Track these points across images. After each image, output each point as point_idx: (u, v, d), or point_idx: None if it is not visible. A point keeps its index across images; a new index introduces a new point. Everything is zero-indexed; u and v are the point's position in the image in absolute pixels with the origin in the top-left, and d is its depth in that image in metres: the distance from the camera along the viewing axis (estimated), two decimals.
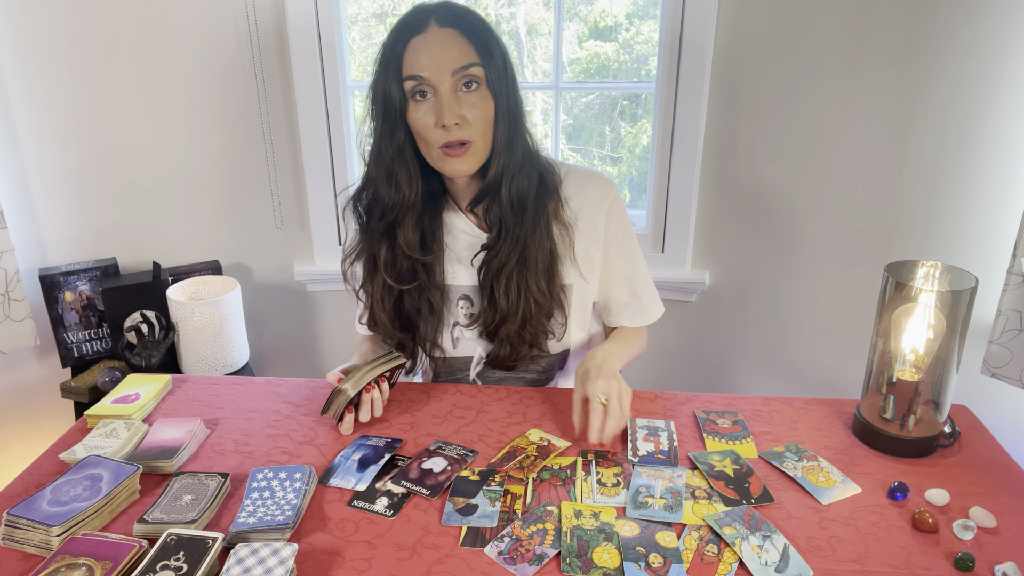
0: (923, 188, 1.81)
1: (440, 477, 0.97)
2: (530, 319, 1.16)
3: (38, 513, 0.86)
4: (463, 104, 1.04)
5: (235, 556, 0.79)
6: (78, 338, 1.99)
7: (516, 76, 1.11)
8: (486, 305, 1.18)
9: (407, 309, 1.20)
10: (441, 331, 1.23)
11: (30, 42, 1.85)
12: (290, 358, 2.26)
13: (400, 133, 1.08)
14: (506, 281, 1.14)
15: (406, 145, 1.10)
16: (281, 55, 1.91)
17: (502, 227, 1.13)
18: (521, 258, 1.13)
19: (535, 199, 1.13)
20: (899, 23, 1.70)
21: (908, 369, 1.02)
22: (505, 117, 1.07)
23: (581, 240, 1.19)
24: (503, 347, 1.19)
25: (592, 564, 0.82)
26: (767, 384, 2.10)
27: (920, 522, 0.88)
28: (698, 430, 1.09)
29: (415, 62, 1.03)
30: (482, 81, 1.05)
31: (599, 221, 1.20)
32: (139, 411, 1.13)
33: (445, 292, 1.21)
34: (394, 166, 1.10)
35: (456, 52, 1.03)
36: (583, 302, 1.24)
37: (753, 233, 1.95)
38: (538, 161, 1.16)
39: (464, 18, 1.05)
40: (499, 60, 1.06)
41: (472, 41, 1.04)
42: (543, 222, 1.15)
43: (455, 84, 1.04)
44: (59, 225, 2.02)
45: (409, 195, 1.12)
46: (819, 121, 1.81)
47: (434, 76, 1.02)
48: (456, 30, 1.04)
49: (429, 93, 1.04)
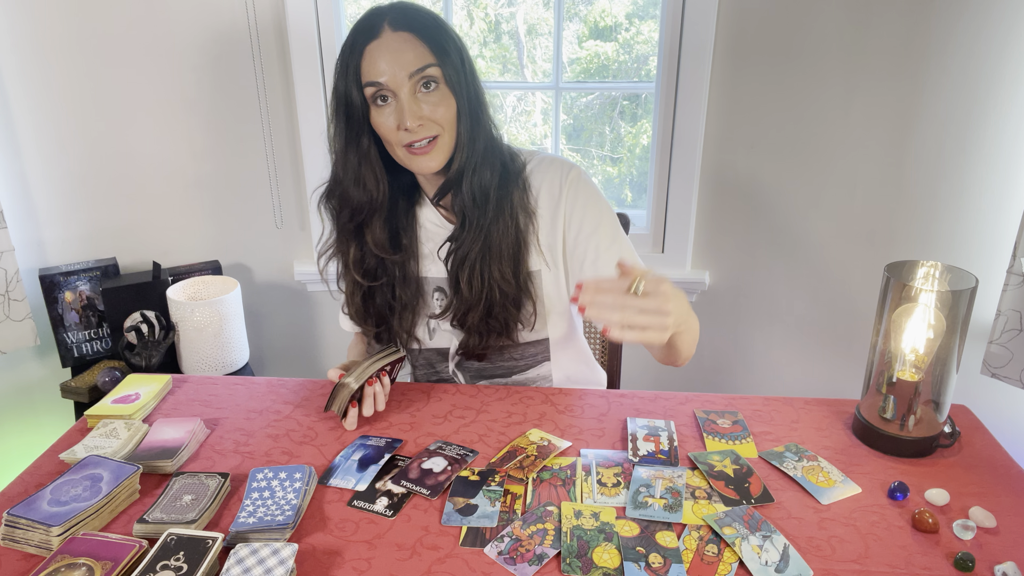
0: (923, 188, 1.81)
1: (440, 477, 0.97)
2: (495, 307, 1.17)
3: (38, 513, 0.86)
4: (423, 105, 1.06)
5: (235, 556, 0.79)
6: (78, 338, 1.99)
7: (475, 69, 1.12)
8: (453, 295, 1.19)
9: (378, 303, 1.23)
10: (416, 323, 1.25)
11: (30, 42, 1.85)
12: (290, 358, 2.26)
13: (364, 137, 1.11)
14: (469, 271, 1.15)
15: (370, 148, 1.12)
16: (281, 55, 1.91)
17: (465, 219, 1.15)
18: (484, 247, 1.14)
19: (498, 189, 1.14)
20: (899, 23, 1.70)
21: (908, 369, 1.02)
22: (467, 112, 1.09)
23: (544, 226, 1.19)
24: (472, 336, 1.20)
25: (592, 564, 0.82)
26: (767, 384, 2.10)
27: (920, 522, 0.88)
28: (698, 430, 1.09)
29: (372, 68, 1.05)
30: (440, 80, 1.06)
31: (560, 205, 1.18)
32: (139, 411, 1.13)
33: (420, 285, 1.24)
34: (361, 170, 1.13)
35: (411, 55, 1.04)
36: (557, 291, 1.22)
37: (753, 233, 1.95)
38: (500, 151, 1.16)
39: (416, 19, 1.05)
40: (455, 57, 1.07)
41: (426, 41, 1.05)
42: (507, 211, 1.15)
43: (413, 86, 1.05)
44: (59, 225, 2.02)
45: (376, 196, 1.15)
46: (819, 121, 1.81)
47: (392, 81, 1.04)
48: (409, 32, 1.04)
49: (390, 97, 1.06)
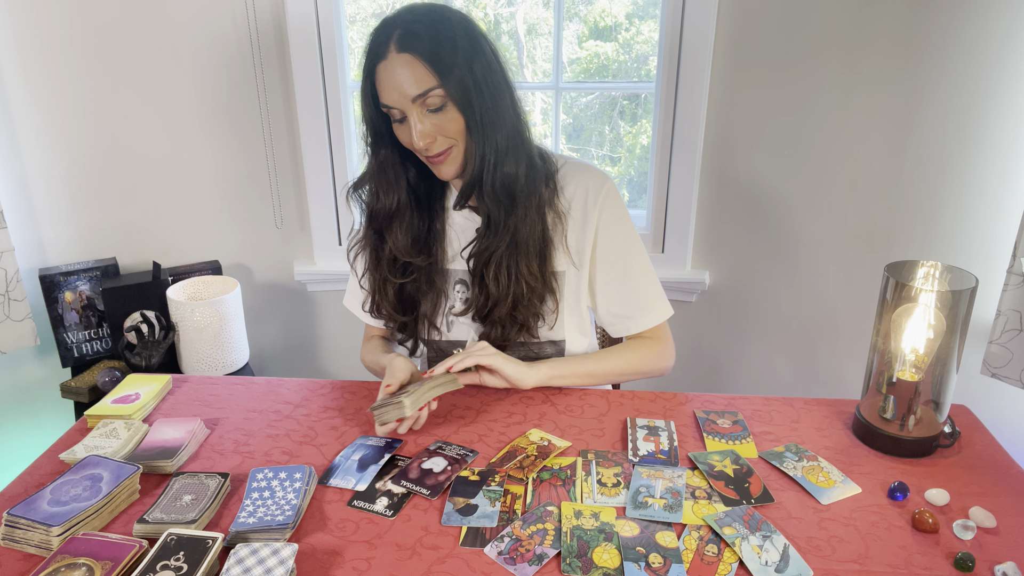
0: (923, 188, 1.80)
1: (440, 477, 0.97)
2: (521, 301, 1.18)
3: (38, 513, 0.86)
4: (432, 124, 1.07)
5: (235, 556, 0.79)
6: (78, 338, 1.99)
7: (490, 69, 1.09)
8: (477, 292, 1.20)
9: (409, 290, 1.25)
10: (437, 315, 1.27)
11: (30, 42, 1.85)
12: (290, 358, 2.26)
13: (384, 149, 1.15)
14: (495, 268, 1.16)
15: (390, 159, 1.16)
16: (281, 55, 1.91)
17: (490, 219, 1.16)
18: (512, 243, 1.15)
19: (524, 186, 1.14)
20: (899, 23, 1.70)
21: (908, 369, 1.02)
22: (478, 124, 1.08)
23: (574, 229, 1.21)
24: (495, 328, 1.21)
25: (592, 564, 0.82)
26: (767, 384, 2.10)
27: (920, 522, 0.88)
28: (698, 430, 1.09)
29: (383, 92, 1.07)
30: (446, 100, 1.06)
31: (593, 212, 1.20)
32: (139, 411, 1.13)
33: (444, 276, 1.26)
34: (380, 177, 1.18)
35: (412, 81, 1.04)
36: (577, 294, 1.24)
37: (753, 233, 1.95)
38: (528, 149, 1.16)
39: (420, 37, 1.03)
40: (461, 71, 1.05)
41: (429, 62, 1.03)
42: (535, 206, 1.16)
43: (420, 108, 1.06)
44: (59, 225, 2.02)
45: (391, 205, 1.18)
46: (819, 121, 1.81)
47: (399, 105, 1.06)
48: (411, 55, 1.03)
49: (402, 117, 1.08)
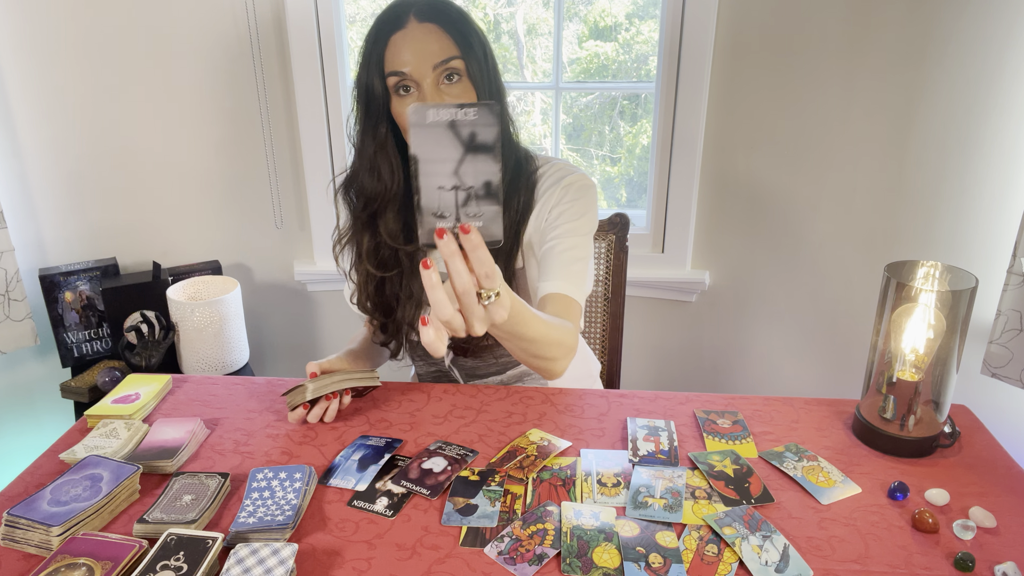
0: (923, 188, 1.81)
1: (440, 477, 0.97)
2: None
3: (38, 513, 0.86)
4: (445, 97, 1.06)
5: (235, 556, 0.79)
6: (78, 338, 1.99)
7: (497, 65, 1.12)
8: None
9: (387, 294, 1.23)
10: (418, 315, 1.26)
11: (30, 42, 1.85)
12: (290, 358, 2.26)
13: (383, 127, 1.12)
14: None
15: (388, 138, 1.13)
16: (281, 55, 1.91)
17: None
18: None
19: (508, 185, 1.14)
20: (899, 23, 1.70)
21: (908, 369, 1.02)
22: None
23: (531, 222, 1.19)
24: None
25: (592, 564, 0.82)
26: (767, 384, 2.10)
27: (920, 522, 0.88)
28: (698, 430, 1.09)
29: (397, 58, 1.05)
30: (463, 73, 1.06)
31: (550, 200, 1.16)
32: (139, 411, 1.13)
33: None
34: (376, 159, 1.14)
35: (436, 47, 1.04)
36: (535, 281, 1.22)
37: (753, 233, 1.95)
38: (516, 150, 1.17)
39: (443, 12, 1.06)
40: (479, 51, 1.07)
41: (451, 34, 1.05)
42: (513, 208, 1.16)
43: (437, 78, 1.05)
44: (59, 225, 2.02)
45: (391, 186, 1.15)
46: (819, 121, 1.81)
47: (416, 71, 1.05)
48: (435, 24, 1.05)
49: (412, 88, 1.06)
